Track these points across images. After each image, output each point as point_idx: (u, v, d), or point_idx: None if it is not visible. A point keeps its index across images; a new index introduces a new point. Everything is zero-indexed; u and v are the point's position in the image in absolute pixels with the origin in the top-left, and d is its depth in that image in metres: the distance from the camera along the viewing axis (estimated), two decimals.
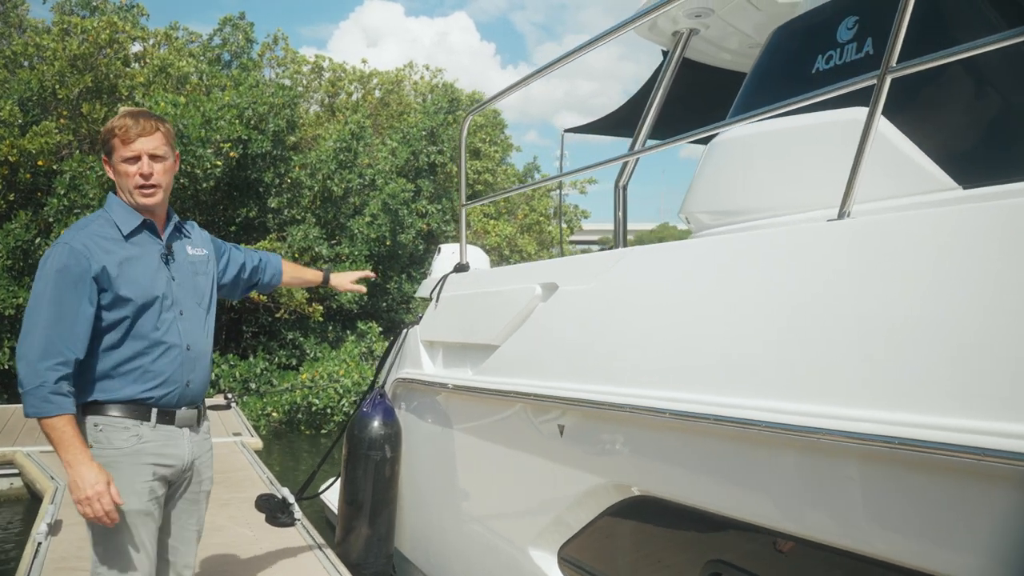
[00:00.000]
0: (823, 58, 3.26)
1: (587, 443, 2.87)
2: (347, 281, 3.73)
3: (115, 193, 2.68)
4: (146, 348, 2.54)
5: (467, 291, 4.05)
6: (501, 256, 16.45)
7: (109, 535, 2.49)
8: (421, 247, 15.07)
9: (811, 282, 2.10)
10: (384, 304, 14.94)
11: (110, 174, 2.65)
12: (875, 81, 2.05)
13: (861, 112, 2.86)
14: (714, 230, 3.55)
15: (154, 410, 2.57)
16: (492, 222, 17.24)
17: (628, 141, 6.76)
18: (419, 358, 4.33)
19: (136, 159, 2.56)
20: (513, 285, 3.48)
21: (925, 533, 1.80)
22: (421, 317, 4.49)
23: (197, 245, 2.83)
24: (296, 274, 3.53)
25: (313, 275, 3.64)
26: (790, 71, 3.47)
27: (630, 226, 4.12)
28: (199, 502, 2.82)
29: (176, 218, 2.79)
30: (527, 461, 3.26)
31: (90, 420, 2.52)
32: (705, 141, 3.75)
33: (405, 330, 4.61)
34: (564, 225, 23.63)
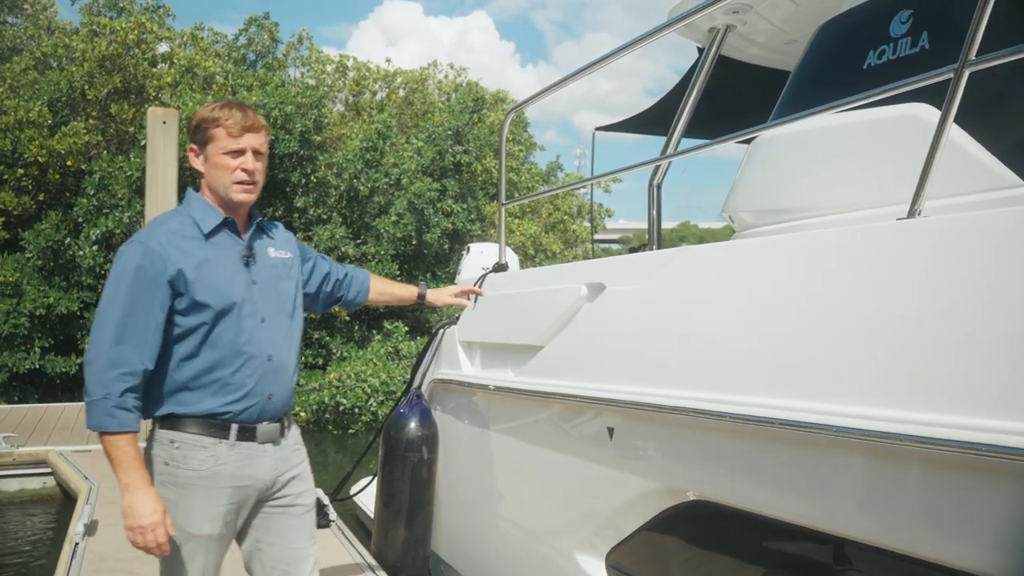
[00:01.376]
0: (875, 53, 3.18)
1: (639, 446, 2.81)
2: (448, 296, 3.44)
3: (195, 189, 2.51)
4: (225, 358, 2.36)
5: (507, 291, 4.00)
6: (526, 255, 16.40)
7: (179, 561, 2.37)
8: (446, 246, 15.05)
9: (881, 282, 2.03)
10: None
11: (197, 165, 2.45)
12: (951, 75, 1.97)
13: (918, 108, 2.80)
14: (759, 229, 3.48)
15: (234, 426, 2.38)
16: (517, 221, 17.18)
17: (659, 139, 6.66)
18: (457, 359, 4.28)
19: (241, 153, 2.39)
20: (557, 285, 3.42)
21: (1001, 541, 1.74)
22: (458, 317, 4.45)
23: (281, 247, 2.61)
24: (386, 290, 3.22)
25: (407, 292, 3.30)
26: (840, 66, 3.39)
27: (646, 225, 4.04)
28: (301, 516, 2.59)
29: (259, 217, 2.58)
30: (573, 464, 3.20)
31: (166, 435, 2.37)
32: (747, 140, 3.68)
33: (441, 330, 4.56)
34: (588, 224, 23.55)
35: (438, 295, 3.41)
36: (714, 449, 2.45)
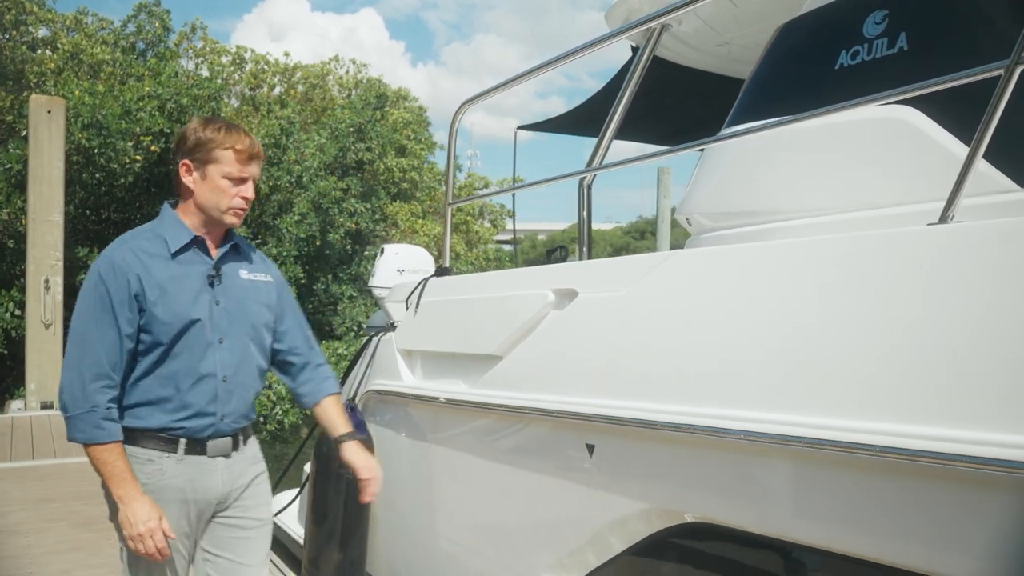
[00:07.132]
0: (848, 54, 3.10)
1: (627, 464, 2.62)
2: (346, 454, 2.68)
3: (171, 204, 2.49)
4: (180, 377, 2.37)
5: (456, 296, 3.76)
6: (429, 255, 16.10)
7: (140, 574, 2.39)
8: (349, 247, 14.64)
9: (907, 292, 1.91)
10: (311, 306, 14.43)
11: (187, 181, 2.43)
12: (1001, 72, 1.86)
13: (902, 111, 2.72)
14: (719, 233, 3.37)
15: (182, 441, 2.39)
16: (420, 221, 16.92)
17: (587, 139, 6.51)
18: (396, 368, 4.02)
19: (244, 181, 2.42)
20: (518, 291, 3.21)
21: None
22: (394, 324, 4.18)
23: (258, 270, 2.60)
24: (326, 418, 2.71)
25: (337, 429, 2.70)
26: (808, 66, 3.31)
27: (541, 225, 3.91)
28: (248, 530, 2.53)
29: (237, 238, 2.57)
30: (542, 481, 2.99)
31: None
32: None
33: (376, 338, 4.29)
34: (489, 224, 23.46)
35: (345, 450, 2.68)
36: (719, 468, 2.28)
